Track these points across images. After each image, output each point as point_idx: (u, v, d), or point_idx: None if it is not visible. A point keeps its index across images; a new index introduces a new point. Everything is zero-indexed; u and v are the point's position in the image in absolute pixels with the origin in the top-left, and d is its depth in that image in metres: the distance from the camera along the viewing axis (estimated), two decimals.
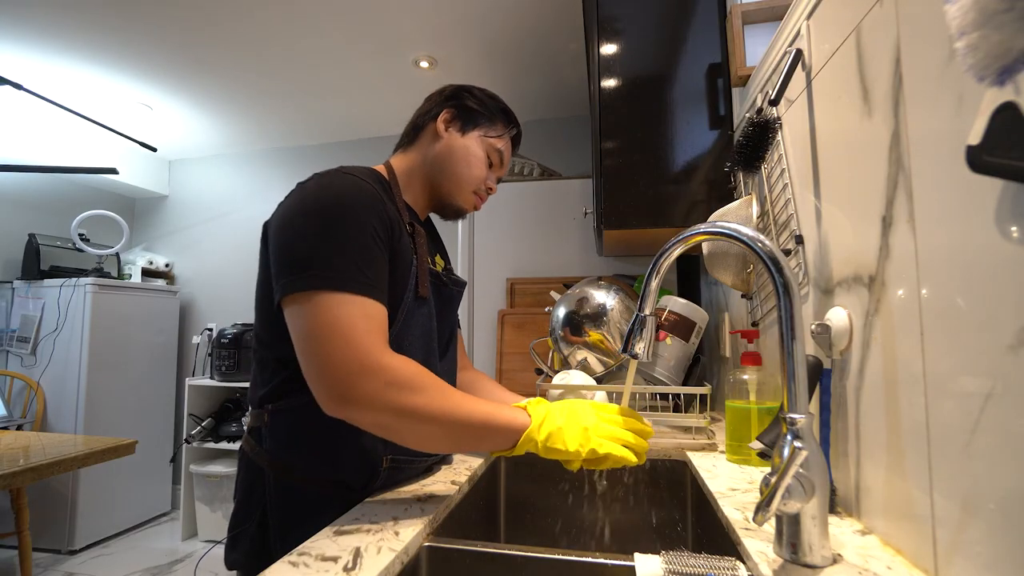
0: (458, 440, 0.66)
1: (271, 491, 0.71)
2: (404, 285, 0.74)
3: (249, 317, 3.05)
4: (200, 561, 2.48)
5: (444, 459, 0.91)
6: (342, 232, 0.65)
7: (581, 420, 0.67)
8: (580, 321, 1.31)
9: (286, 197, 0.72)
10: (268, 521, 0.70)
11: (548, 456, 0.66)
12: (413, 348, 0.76)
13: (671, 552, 0.55)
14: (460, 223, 1.94)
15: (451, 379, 0.90)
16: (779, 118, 0.86)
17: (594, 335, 1.29)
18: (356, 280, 0.64)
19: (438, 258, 0.90)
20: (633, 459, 0.66)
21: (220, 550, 2.63)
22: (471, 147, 0.85)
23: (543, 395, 1.00)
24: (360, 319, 0.62)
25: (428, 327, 0.79)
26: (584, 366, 1.29)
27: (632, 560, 0.56)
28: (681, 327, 1.22)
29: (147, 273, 3.27)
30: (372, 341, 0.62)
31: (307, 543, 0.56)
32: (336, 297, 0.62)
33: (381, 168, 0.84)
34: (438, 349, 0.83)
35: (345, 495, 0.71)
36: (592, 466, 0.66)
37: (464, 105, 0.86)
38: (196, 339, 3.20)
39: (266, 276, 0.72)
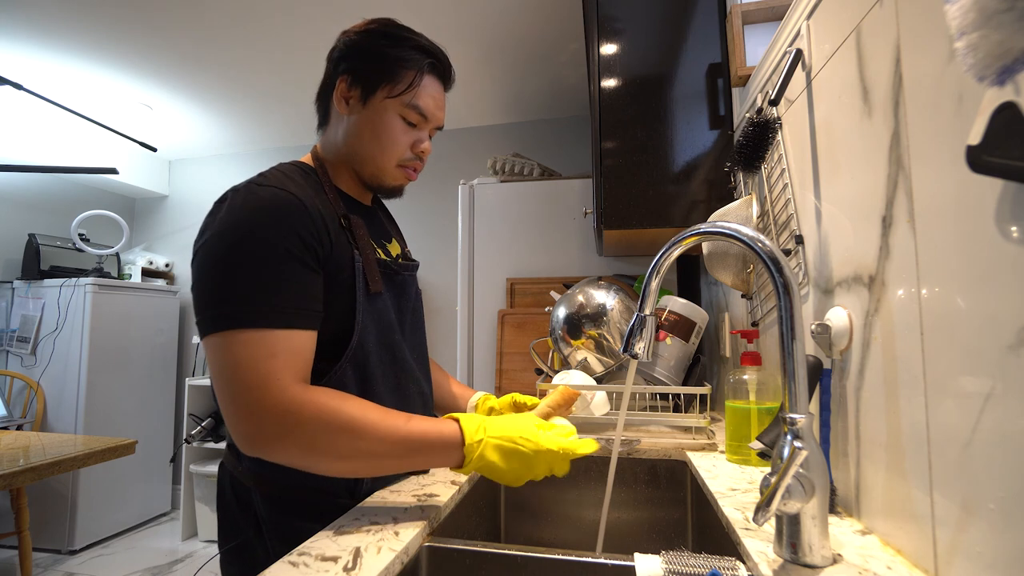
0: (381, 466, 0.63)
1: (260, 505, 0.69)
2: (352, 285, 0.69)
3: None
4: (202, 560, 2.47)
5: None
6: (247, 260, 0.60)
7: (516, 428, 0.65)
8: (580, 321, 1.31)
9: (207, 216, 0.67)
10: (263, 531, 0.69)
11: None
12: (377, 347, 0.73)
13: (671, 552, 0.55)
14: (460, 222, 1.94)
15: (422, 352, 0.86)
16: (779, 118, 0.86)
17: (593, 333, 1.29)
18: (263, 313, 0.59)
19: (393, 243, 0.84)
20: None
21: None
22: (378, 118, 0.73)
23: (542, 395, 1.00)
24: (264, 359, 0.58)
25: (388, 320, 0.75)
26: (584, 366, 1.29)
27: (632, 560, 0.56)
28: (681, 327, 1.22)
29: (147, 273, 3.26)
30: (275, 381, 0.58)
31: (307, 543, 0.56)
32: (240, 336, 0.58)
33: (307, 158, 0.78)
34: (403, 336, 0.79)
35: (333, 502, 0.69)
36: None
37: (358, 67, 0.73)
38: (196, 339, 3.20)
39: None
